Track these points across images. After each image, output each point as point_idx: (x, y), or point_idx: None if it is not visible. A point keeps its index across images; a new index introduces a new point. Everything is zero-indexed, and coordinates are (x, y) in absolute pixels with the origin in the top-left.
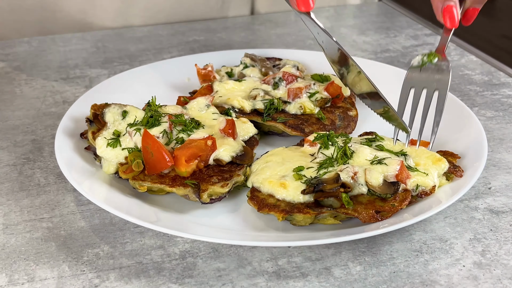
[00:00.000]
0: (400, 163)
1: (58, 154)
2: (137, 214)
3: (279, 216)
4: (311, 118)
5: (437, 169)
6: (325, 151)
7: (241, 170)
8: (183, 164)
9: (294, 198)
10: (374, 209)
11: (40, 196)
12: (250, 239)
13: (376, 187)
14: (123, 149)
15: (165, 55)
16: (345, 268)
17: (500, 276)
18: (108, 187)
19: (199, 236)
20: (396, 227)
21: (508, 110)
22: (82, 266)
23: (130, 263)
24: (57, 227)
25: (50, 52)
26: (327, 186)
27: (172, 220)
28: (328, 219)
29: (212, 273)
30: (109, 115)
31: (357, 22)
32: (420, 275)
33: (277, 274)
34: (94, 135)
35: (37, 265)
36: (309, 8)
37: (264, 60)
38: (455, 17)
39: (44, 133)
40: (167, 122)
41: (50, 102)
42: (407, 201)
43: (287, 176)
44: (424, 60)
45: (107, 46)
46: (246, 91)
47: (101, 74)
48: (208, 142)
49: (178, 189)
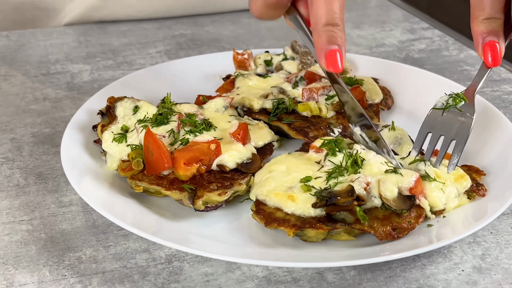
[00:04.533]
0: (417, 176)
1: (63, 146)
2: (132, 219)
3: (289, 232)
4: (322, 122)
5: (457, 187)
6: (332, 159)
7: (245, 179)
8: (181, 167)
9: (305, 212)
10: (391, 226)
11: (20, 197)
12: (260, 258)
13: (391, 200)
14: (127, 145)
15: (151, 50)
16: (339, 273)
17: (501, 281)
18: (106, 186)
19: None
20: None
21: (509, 107)
22: (64, 271)
23: (113, 267)
24: (37, 229)
25: (29, 47)
26: (340, 199)
27: (176, 232)
28: (342, 235)
29: (199, 278)
30: (120, 109)
31: (351, 15)
32: (417, 279)
33: (268, 279)
34: (103, 128)
35: (16, 270)
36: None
37: (309, 53)
38: (498, 55)
39: (23, 131)
40: (176, 122)
41: (30, 99)
42: (422, 218)
43: (294, 188)
44: (448, 103)
45: (89, 40)
46: (267, 89)
47: (83, 69)
48: (211, 146)
49: (173, 192)
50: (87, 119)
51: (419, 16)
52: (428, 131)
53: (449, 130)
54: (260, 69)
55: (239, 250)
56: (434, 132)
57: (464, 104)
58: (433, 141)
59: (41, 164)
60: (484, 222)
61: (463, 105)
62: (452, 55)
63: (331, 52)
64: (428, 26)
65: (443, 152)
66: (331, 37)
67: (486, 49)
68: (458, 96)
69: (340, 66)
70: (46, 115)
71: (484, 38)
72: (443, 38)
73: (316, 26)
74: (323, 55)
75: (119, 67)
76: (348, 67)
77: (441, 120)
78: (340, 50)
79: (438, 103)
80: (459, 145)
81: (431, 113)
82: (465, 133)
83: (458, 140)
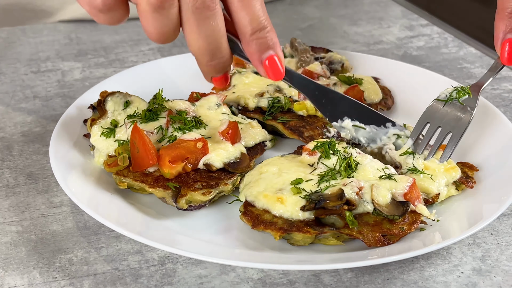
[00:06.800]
0: (412, 181)
1: (52, 140)
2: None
3: (276, 235)
4: (318, 122)
5: (446, 177)
6: (326, 161)
7: (231, 179)
8: (166, 165)
9: (293, 215)
10: (381, 232)
11: (9, 198)
12: (243, 259)
13: (383, 206)
14: (115, 140)
15: (143, 47)
16: (336, 275)
17: (501, 283)
18: (92, 181)
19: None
20: (404, 256)
21: (509, 106)
22: (54, 273)
23: (105, 269)
24: (27, 231)
25: (20, 44)
26: (329, 203)
27: (157, 230)
28: (330, 239)
29: (193, 280)
30: (110, 104)
31: (348, 12)
32: (416, 282)
33: (263, 281)
34: (93, 122)
35: (6, 272)
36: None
37: (307, 51)
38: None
39: (13, 130)
40: (165, 118)
41: (20, 97)
42: (417, 224)
43: (284, 190)
44: (452, 96)
45: (80, 37)
46: (263, 87)
47: (74, 67)
48: (198, 144)
49: (157, 190)
50: (80, 114)
51: (417, 12)
52: (426, 121)
53: (447, 122)
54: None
55: (228, 251)
56: (432, 123)
57: (467, 98)
58: (430, 132)
59: (31, 164)
60: (479, 226)
61: (466, 99)
62: (451, 53)
63: (269, 60)
64: (427, 23)
65: (438, 144)
66: (262, 44)
67: (505, 45)
68: (463, 89)
69: (282, 70)
70: (36, 113)
71: (506, 34)
72: (442, 35)
73: (245, 37)
74: (261, 66)
75: (111, 64)
76: (348, 66)
77: (441, 112)
78: (276, 53)
79: (441, 94)
80: (454, 138)
81: (433, 104)
82: (462, 127)
83: (455, 133)
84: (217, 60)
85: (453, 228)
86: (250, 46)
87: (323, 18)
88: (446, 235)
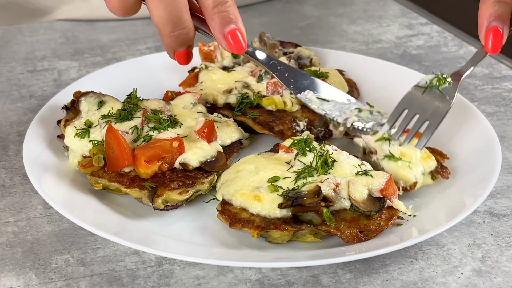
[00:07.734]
0: (388, 177)
1: (25, 142)
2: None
3: (253, 233)
4: (287, 116)
5: (423, 165)
6: (302, 159)
7: (208, 178)
8: (142, 165)
9: (270, 213)
10: (358, 228)
11: (5, 198)
12: (219, 258)
13: (360, 202)
14: (90, 141)
15: (140, 46)
16: (334, 276)
17: (502, 284)
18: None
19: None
20: (381, 252)
21: (510, 105)
22: (51, 274)
23: (102, 270)
24: (23, 231)
25: (16, 43)
26: (306, 200)
27: (134, 231)
28: (307, 236)
29: (190, 281)
30: (84, 104)
31: (347, 10)
32: (415, 283)
33: (261, 283)
34: (66, 123)
35: (2, 273)
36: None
37: (276, 46)
38: (499, 43)
39: (9, 130)
40: (140, 118)
41: (15, 96)
42: (393, 219)
43: (261, 188)
44: (432, 83)
45: (77, 36)
46: (231, 83)
47: (70, 66)
48: (173, 144)
49: (133, 190)
50: (53, 115)
51: (417, 11)
52: (404, 107)
53: (425, 110)
54: (227, 61)
55: (206, 250)
56: (410, 109)
57: (447, 86)
58: (407, 118)
59: None
60: (455, 220)
61: (445, 88)
62: (451, 51)
63: (231, 33)
64: (426, 22)
65: (414, 131)
66: (224, 17)
67: (489, 34)
68: (443, 77)
69: (244, 44)
70: (32, 113)
71: (490, 22)
72: (442, 34)
73: (207, 11)
74: (223, 40)
75: (107, 63)
76: (316, 61)
77: (419, 99)
78: (238, 27)
79: (421, 81)
80: (431, 126)
81: (412, 90)
82: (439, 115)
83: (432, 122)
84: (179, 31)
85: (430, 223)
86: (213, 19)
87: (321, 17)
88: (423, 230)
